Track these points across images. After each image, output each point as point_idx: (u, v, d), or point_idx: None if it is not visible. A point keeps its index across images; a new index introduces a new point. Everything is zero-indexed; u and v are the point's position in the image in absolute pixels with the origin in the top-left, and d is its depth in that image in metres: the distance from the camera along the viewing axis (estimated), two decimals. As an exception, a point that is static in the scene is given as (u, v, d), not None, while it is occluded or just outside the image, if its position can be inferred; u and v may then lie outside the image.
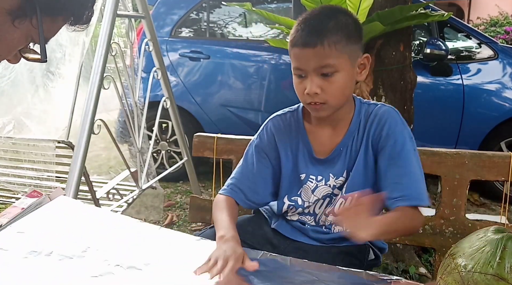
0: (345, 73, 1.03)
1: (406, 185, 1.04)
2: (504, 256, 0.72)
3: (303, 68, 1.03)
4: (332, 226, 1.17)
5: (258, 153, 1.17)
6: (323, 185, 1.14)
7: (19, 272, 0.89)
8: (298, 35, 1.03)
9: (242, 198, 1.16)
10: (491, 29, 10.13)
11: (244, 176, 1.17)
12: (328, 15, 1.04)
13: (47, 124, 2.23)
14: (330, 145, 1.12)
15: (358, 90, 2.29)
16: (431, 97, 3.33)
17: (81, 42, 2.22)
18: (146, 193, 2.72)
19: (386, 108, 1.11)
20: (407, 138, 1.08)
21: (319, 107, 1.04)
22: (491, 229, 0.78)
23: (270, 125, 1.19)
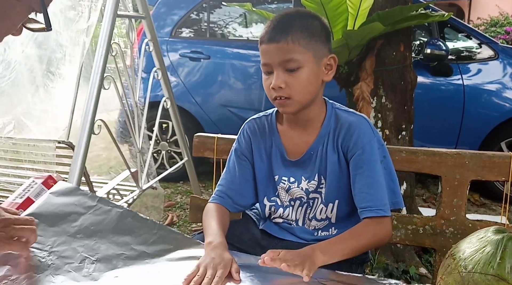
0: (309, 70, 1.05)
1: (372, 196, 1.06)
2: (504, 257, 0.72)
3: (269, 63, 1.05)
4: (318, 231, 1.19)
5: (238, 157, 1.20)
6: (295, 187, 1.16)
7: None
8: (265, 32, 1.07)
9: (230, 203, 1.19)
10: (491, 29, 10.12)
11: (228, 181, 1.20)
12: (295, 15, 1.08)
13: (47, 124, 2.23)
14: (302, 147, 1.14)
15: (358, 90, 2.29)
16: (431, 97, 3.33)
17: (81, 42, 2.22)
18: (146, 193, 2.72)
19: (357, 117, 1.13)
20: (375, 148, 1.09)
21: (284, 102, 1.06)
22: (492, 230, 0.78)
23: (246, 129, 1.22)
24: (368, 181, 1.06)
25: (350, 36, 2.08)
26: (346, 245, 0.99)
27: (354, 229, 1.03)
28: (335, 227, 1.17)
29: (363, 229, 1.04)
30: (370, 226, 1.04)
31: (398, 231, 1.44)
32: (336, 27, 2.13)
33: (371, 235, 1.03)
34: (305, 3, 2.03)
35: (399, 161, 1.39)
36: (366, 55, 2.27)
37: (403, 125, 2.31)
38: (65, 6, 2.21)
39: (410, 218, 1.44)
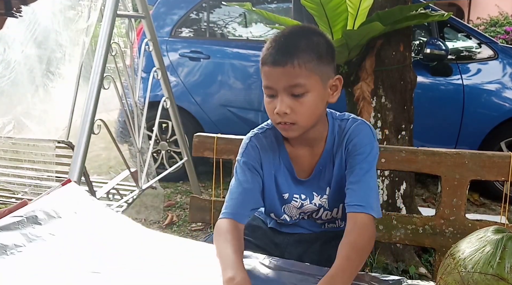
0: (316, 94, 1.01)
1: (355, 192, 1.04)
2: (504, 256, 0.72)
3: (273, 87, 1.00)
4: (325, 224, 1.21)
5: (249, 170, 1.12)
6: (308, 203, 1.15)
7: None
8: (268, 53, 1.01)
9: (243, 216, 1.08)
10: (491, 29, 10.13)
11: (240, 195, 1.09)
12: (300, 35, 1.02)
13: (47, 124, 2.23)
14: (310, 165, 1.13)
15: (359, 90, 2.29)
16: (431, 97, 3.34)
17: (81, 42, 2.22)
18: (146, 193, 2.72)
19: (359, 122, 1.11)
20: (373, 152, 1.08)
21: (288, 127, 1.02)
22: (491, 229, 0.78)
23: (255, 142, 1.15)
24: (356, 178, 1.05)
25: (349, 36, 2.08)
26: (347, 273, 0.90)
27: (353, 245, 0.95)
28: (342, 219, 1.20)
29: (358, 239, 0.97)
30: (362, 231, 0.99)
31: (398, 231, 1.44)
32: (335, 27, 2.13)
33: (368, 242, 0.98)
34: (304, 3, 2.03)
35: (399, 161, 1.39)
36: (366, 55, 2.27)
37: (402, 125, 2.31)
38: (64, 6, 2.21)
39: (410, 218, 1.44)
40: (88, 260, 0.95)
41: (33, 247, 0.97)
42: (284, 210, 1.18)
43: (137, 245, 1.03)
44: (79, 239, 1.02)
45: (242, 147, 1.16)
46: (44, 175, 2.25)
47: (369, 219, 1.01)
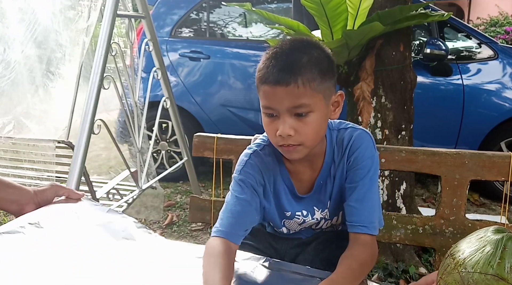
0: (319, 113, 0.96)
1: (359, 211, 1.01)
2: (504, 256, 0.72)
3: (274, 107, 0.94)
4: (323, 229, 1.20)
5: (247, 188, 1.05)
6: (310, 219, 1.13)
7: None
8: (268, 72, 0.93)
9: (236, 238, 1.00)
10: (491, 29, 10.13)
11: (234, 214, 1.02)
12: (301, 50, 0.96)
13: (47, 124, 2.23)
14: (310, 181, 1.09)
15: (359, 90, 2.29)
16: (431, 97, 3.34)
17: (81, 42, 2.22)
18: (146, 193, 2.72)
19: (359, 132, 1.07)
20: (374, 165, 1.05)
21: (293, 149, 0.97)
22: (491, 229, 0.78)
23: (255, 161, 1.08)
24: (359, 196, 1.02)
25: (349, 36, 2.08)
26: (348, 281, 0.89)
27: (354, 257, 0.94)
28: (341, 223, 1.19)
29: (361, 253, 0.95)
30: (365, 247, 0.97)
31: (398, 231, 1.44)
32: (335, 27, 2.13)
33: (370, 258, 0.97)
34: (305, 3, 2.03)
35: (399, 161, 1.39)
36: (366, 55, 2.27)
37: (402, 125, 2.31)
38: (64, 6, 2.21)
39: (410, 217, 1.44)
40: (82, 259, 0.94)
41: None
42: (284, 223, 1.16)
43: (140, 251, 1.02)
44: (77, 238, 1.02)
45: (239, 164, 1.09)
46: (44, 175, 2.25)
47: (371, 239, 0.99)
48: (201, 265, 0.90)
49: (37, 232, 1.01)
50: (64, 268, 0.90)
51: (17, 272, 0.88)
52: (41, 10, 2.17)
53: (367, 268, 0.95)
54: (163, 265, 0.96)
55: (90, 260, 0.94)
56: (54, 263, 0.92)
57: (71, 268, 0.91)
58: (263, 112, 0.98)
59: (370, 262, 0.96)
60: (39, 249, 0.96)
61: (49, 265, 0.91)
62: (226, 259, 0.91)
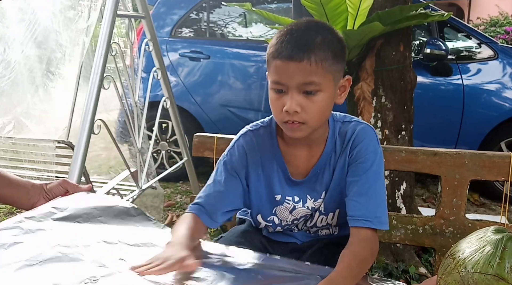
0: (327, 94, 0.96)
1: (362, 205, 0.99)
2: (504, 256, 0.72)
3: (284, 82, 0.94)
4: (319, 230, 1.16)
5: (227, 171, 1.08)
6: (301, 207, 1.10)
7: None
8: (282, 47, 0.94)
9: (208, 218, 1.06)
10: (491, 29, 10.14)
11: (211, 196, 1.08)
12: (316, 30, 0.96)
13: (47, 124, 2.23)
14: (306, 167, 1.08)
15: (359, 91, 2.29)
16: (431, 97, 3.34)
17: (81, 42, 2.22)
18: (146, 193, 2.72)
19: (363, 126, 1.07)
20: (377, 159, 1.04)
21: (297, 127, 0.97)
22: (491, 229, 0.78)
23: (242, 142, 1.10)
24: (362, 190, 1.00)
25: (350, 36, 2.08)
26: (355, 276, 0.89)
27: (354, 254, 0.93)
28: (336, 226, 1.16)
29: (361, 250, 0.94)
30: (365, 243, 0.96)
31: (398, 230, 1.44)
32: (336, 27, 2.13)
33: (370, 254, 0.96)
34: (305, 3, 2.04)
35: (398, 161, 1.39)
36: (366, 55, 2.27)
37: (402, 125, 2.31)
38: (64, 6, 2.21)
39: (410, 217, 1.44)
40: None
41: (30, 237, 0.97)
42: (275, 212, 1.12)
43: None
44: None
45: (230, 145, 1.12)
46: (44, 175, 2.25)
47: (372, 234, 0.98)
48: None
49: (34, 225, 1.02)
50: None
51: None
52: (41, 10, 2.17)
53: (367, 265, 0.94)
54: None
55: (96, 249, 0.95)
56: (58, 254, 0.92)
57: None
58: (271, 87, 0.98)
59: (370, 259, 0.95)
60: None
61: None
62: (193, 221, 1.02)
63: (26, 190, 1.15)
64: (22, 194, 1.14)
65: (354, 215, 0.99)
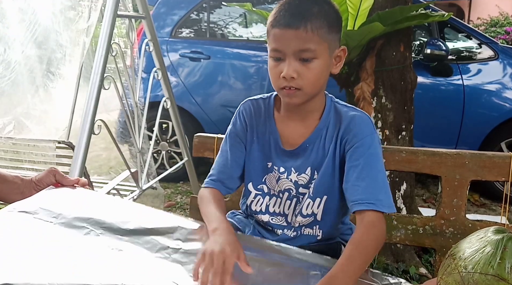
0: (323, 62, 1.00)
1: (364, 189, 0.99)
2: (504, 257, 0.72)
3: (282, 49, 0.99)
4: (302, 228, 1.15)
5: (232, 139, 1.17)
6: (285, 178, 1.13)
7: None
8: (280, 16, 1.00)
9: (222, 187, 1.16)
10: (491, 30, 10.13)
11: (221, 165, 1.17)
12: (313, 1, 1.02)
13: (47, 125, 2.23)
14: (298, 139, 1.11)
15: (359, 91, 2.29)
16: (431, 97, 3.34)
17: (81, 43, 2.22)
18: (146, 194, 2.72)
19: (359, 113, 1.09)
20: (374, 142, 1.04)
21: (293, 92, 1.01)
22: (491, 230, 0.78)
23: (241, 110, 1.18)
24: (362, 174, 1.00)
25: (350, 36, 2.08)
26: (358, 267, 0.88)
27: (358, 244, 0.92)
28: (320, 227, 1.13)
29: (365, 239, 0.93)
30: (370, 230, 0.94)
31: (398, 231, 1.44)
32: (336, 27, 2.13)
33: (375, 241, 0.94)
34: (305, 3, 2.03)
35: (399, 161, 1.39)
36: (366, 55, 2.27)
37: (403, 125, 2.31)
38: (65, 6, 2.21)
39: (410, 218, 1.44)
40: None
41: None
42: (265, 180, 1.16)
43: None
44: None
45: (234, 115, 1.19)
46: (44, 175, 2.25)
47: (377, 217, 0.96)
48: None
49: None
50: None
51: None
52: (42, 10, 2.17)
53: (371, 253, 0.92)
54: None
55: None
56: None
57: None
58: (270, 55, 1.03)
59: (374, 244, 0.93)
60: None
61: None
62: (216, 197, 1.12)
63: (17, 185, 1.15)
64: (12, 189, 1.14)
65: (355, 200, 0.99)
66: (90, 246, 0.93)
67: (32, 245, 0.91)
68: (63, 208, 1.05)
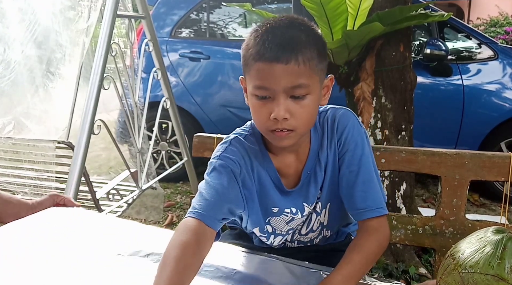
0: (315, 97, 0.89)
1: (371, 195, 0.94)
2: (504, 257, 0.72)
3: (270, 87, 0.85)
4: (314, 240, 1.11)
5: (227, 174, 0.94)
6: (299, 217, 1.03)
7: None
8: (265, 47, 0.84)
9: (215, 222, 0.90)
10: (491, 30, 10.13)
11: (213, 197, 0.91)
12: (298, 27, 0.88)
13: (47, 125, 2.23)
14: (297, 173, 1.00)
15: (359, 91, 2.29)
16: (431, 97, 3.34)
17: (81, 43, 2.22)
18: (146, 194, 2.72)
19: (342, 111, 1.00)
20: (364, 140, 0.98)
21: (286, 135, 0.88)
22: (491, 230, 0.78)
23: (237, 146, 0.99)
24: (365, 179, 0.95)
25: (350, 36, 2.09)
26: (357, 270, 0.86)
27: (358, 248, 0.89)
28: (327, 229, 1.10)
29: (368, 240, 0.91)
30: (371, 235, 0.92)
31: (398, 231, 1.44)
32: (336, 27, 2.13)
33: (376, 245, 0.91)
34: (304, 3, 2.03)
35: (398, 161, 1.39)
36: (366, 55, 2.27)
37: (402, 125, 2.31)
38: (64, 6, 2.21)
39: (410, 218, 1.44)
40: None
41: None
42: (269, 221, 1.04)
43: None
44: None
45: (218, 150, 0.99)
46: (44, 175, 2.25)
47: (378, 222, 0.93)
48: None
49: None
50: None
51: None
52: (41, 10, 2.16)
53: (372, 257, 0.90)
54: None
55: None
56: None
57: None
58: (253, 93, 0.88)
59: (377, 249, 0.90)
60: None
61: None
62: (191, 254, 0.81)
63: (12, 205, 1.11)
64: (10, 211, 1.10)
65: (359, 208, 0.94)
66: (83, 263, 0.93)
67: (27, 266, 0.91)
68: (61, 228, 1.05)
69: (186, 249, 0.80)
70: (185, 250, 0.80)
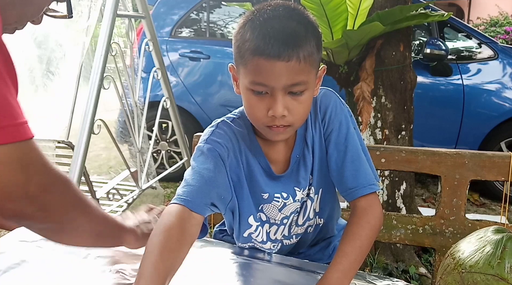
0: (312, 91, 0.87)
1: (362, 173, 0.92)
2: (504, 256, 0.72)
3: (269, 84, 0.82)
4: (309, 228, 1.07)
5: (214, 158, 0.91)
6: (291, 202, 0.99)
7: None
8: (264, 43, 0.80)
9: (201, 208, 0.87)
10: (491, 29, 10.13)
11: (199, 182, 0.90)
12: (296, 18, 0.84)
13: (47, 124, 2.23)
14: (285, 158, 0.97)
15: (359, 90, 2.29)
16: (431, 97, 3.34)
17: (81, 42, 2.22)
18: (146, 193, 2.72)
19: (323, 90, 0.97)
20: (349, 118, 0.96)
21: (282, 130, 0.86)
22: (491, 229, 0.78)
23: (224, 129, 0.96)
24: (354, 157, 0.92)
25: (350, 36, 2.08)
26: (354, 261, 0.84)
27: (350, 237, 0.87)
28: (319, 216, 1.06)
29: (359, 225, 0.88)
30: (361, 218, 0.89)
31: (398, 231, 1.44)
32: (336, 27, 2.13)
33: (368, 229, 0.88)
34: (304, 3, 2.03)
35: (399, 161, 1.39)
36: (366, 55, 2.27)
37: (402, 125, 2.31)
38: (64, 6, 2.21)
39: (410, 218, 1.44)
40: None
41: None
42: (262, 209, 1.00)
43: None
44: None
45: (206, 134, 0.96)
46: (44, 175, 2.25)
47: (367, 201, 0.90)
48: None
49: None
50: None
51: None
52: (41, 10, 2.16)
53: (369, 243, 0.87)
54: None
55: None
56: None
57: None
58: (249, 88, 0.86)
59: (371, 233, 0.88)
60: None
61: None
62: (180, 228, 0.80)
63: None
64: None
65: (351, 187, 0.91)
66: (89, 269, 0.93)
67: (35, 273, 0.91)
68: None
69: (169, 235, 0.79)
70: (169, 235, 0.79)
